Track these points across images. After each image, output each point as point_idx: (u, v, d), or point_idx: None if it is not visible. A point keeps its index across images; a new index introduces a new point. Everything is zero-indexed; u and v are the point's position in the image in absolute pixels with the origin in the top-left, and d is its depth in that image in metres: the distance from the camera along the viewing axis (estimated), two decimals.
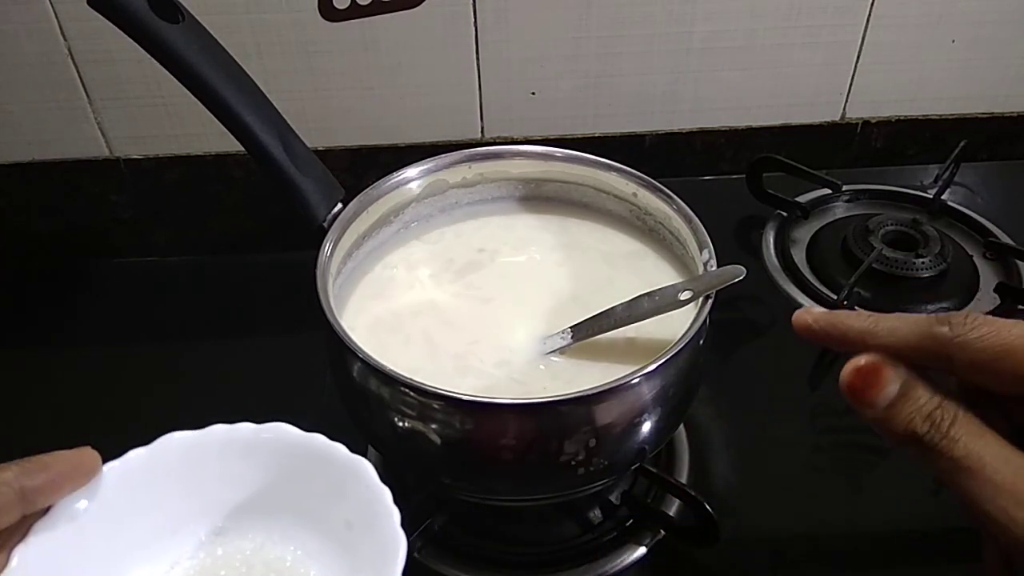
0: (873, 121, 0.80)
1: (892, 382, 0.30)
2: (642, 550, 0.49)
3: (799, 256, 0.70)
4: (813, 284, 0.67)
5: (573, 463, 0.41)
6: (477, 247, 0.54)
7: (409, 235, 0.55)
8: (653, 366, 0.39)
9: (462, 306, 0.50)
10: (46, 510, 0.33)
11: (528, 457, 0.41)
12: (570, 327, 0.46)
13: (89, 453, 0.34)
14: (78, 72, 0.69)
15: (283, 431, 0.37)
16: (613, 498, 0.51)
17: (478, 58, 0.72)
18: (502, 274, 0.52)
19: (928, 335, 0.30)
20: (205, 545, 0.37)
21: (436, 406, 0.39)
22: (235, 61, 0.44)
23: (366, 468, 0.35)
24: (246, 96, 0.44)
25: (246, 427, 0.37)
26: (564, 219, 0.56)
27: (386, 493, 0.35)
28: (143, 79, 0.70)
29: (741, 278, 0.42)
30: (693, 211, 0.48)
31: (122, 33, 0.41)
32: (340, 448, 0.36)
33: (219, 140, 0.74)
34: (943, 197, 0.74)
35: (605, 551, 0.49)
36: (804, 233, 0.73)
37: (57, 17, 0.66)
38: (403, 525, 0.33)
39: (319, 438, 0.37)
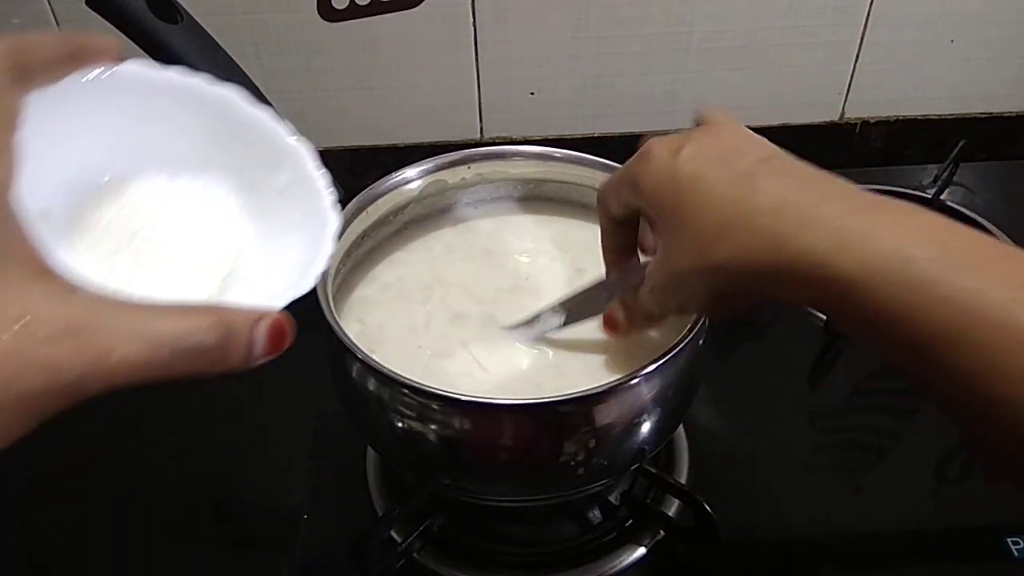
0: (872, 121, 0.80)
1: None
2: (642, 550, 0.49)
3: None
4: None
5: (572, 463, 0.41)
6: (476, 248, 0.54)
7: (408, 235, 0.55)
8: (653, 366, 0.39)
9: (461, 306, 0.50)
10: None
11: (527, 457, 0.41)
12: (559, 303, 0.46)
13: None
14: None
15: (233, 98, 0.35)
16: (613, 498, 0.51)
17: (477, 58, 0.72)
18: (501, 274, 0.52)
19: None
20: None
21: (435, 406, 0.39)
22: (234, 62, 0.44)
23: (306, 152, 0.35)
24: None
25: (202, 81, 0.35)
26: (563, 219, 0.56)
27: (322, 177, 0.35)
28: None
29: None
30: None
31: (121, 33, 0.40)
32: (286, 129, 0.35)
33: None
34: (942, 197, 0.74)
35: (605, 551, 0.49)
36: None
37: (56, 17, 0.66)
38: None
39: (267, 114, 0.35)
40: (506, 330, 0.47)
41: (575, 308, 0.45)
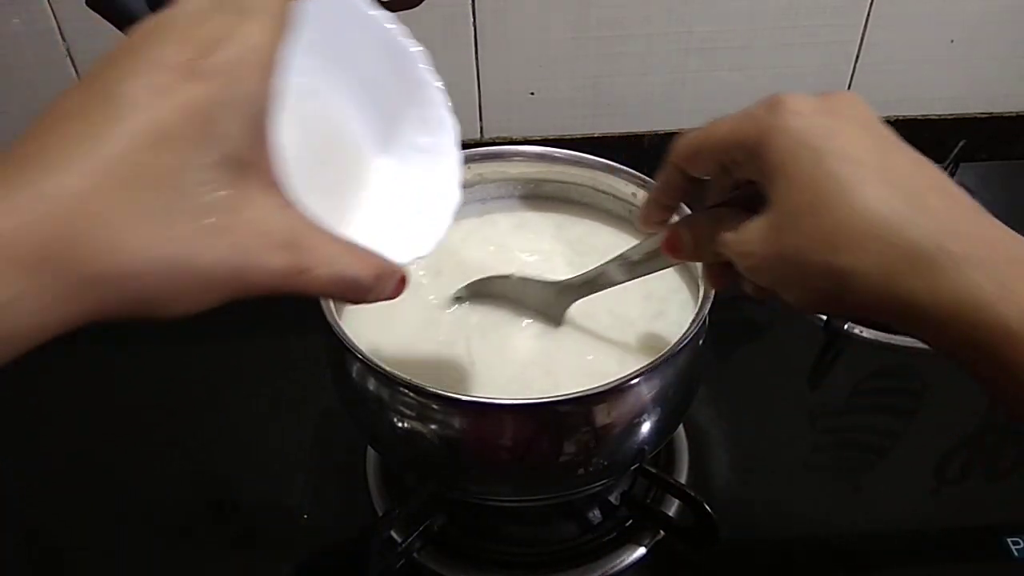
0: None
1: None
2: (642, 550, 0.49)
3: None
4: None
5: (572, 463, 0.41)
6: (476, 248, 0.54)
7: None
8: (653, 366, 0.39)
9: (460, 305, 0.50)
10: None
11: (527, 457, 0.41)
12: (620, 256, 0.44)
13: None
14: (77, 73, 0.69)
15: (417, 56, 0.37)
16: (613, 498, 0.51)
17: (477, 58, 0.72)
18: (508, 269, 0.52)
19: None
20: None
21: (435, 406, 0.39)
22: None
23: (454, 129, 0.37)
24: None
25: (400, 32, 0.37)
26: (563, 219, 0.56)
27: (458, 155, 0.38)
28: None
29: None
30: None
31: (121, 34, 0.40)
32: (446, 102, 0.37)
33: None
34: None
35: (605, 551, 0.49)
36: None
37: (56, 18, 0.66)
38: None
39: (437, 83, 0.37)
40: (558, 291, 0.47)
41: (640, 262, 0.43)
